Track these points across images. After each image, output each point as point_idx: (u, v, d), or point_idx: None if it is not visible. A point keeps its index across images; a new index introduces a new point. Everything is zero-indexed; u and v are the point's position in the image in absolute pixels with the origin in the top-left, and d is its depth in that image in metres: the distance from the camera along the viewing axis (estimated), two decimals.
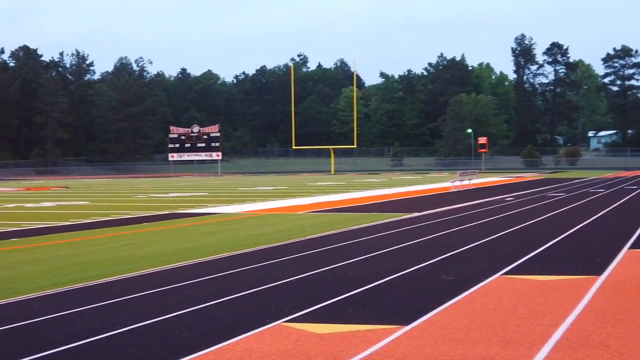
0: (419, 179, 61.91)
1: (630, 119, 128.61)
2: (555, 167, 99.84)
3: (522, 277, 10.25)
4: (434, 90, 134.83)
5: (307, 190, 42.02)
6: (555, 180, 51.98)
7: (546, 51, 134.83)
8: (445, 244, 14.38)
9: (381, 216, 21.90)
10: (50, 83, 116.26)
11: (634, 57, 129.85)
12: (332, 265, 11.79)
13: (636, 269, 10.64)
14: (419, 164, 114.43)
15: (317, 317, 7.96)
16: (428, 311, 8.07)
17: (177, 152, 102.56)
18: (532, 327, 7.25)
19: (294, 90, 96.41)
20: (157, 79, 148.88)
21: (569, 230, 16.42)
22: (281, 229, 18.91)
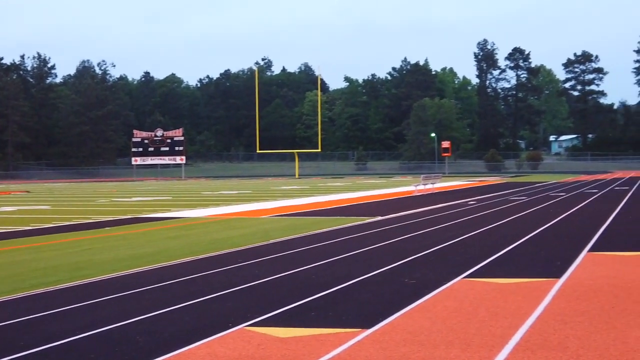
0: (383, 182, 62.15)
1: (590, 124, 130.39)
2: (517, 171, 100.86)
3: (483, 280, 10.34)
4: (398, 94, 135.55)
5: (271, 194, 41.98)
6: (517, 184, 52.50)
7: (508, 56, 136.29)
8: (408, 247, 14.46)
9: (345, 220, 21.95)
10: (10, 86, 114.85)
11: (594, 62, 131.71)
12: (295, 269, 11.80)
13: (595, 272, 10.79)
14: (383, 167, 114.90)
15: (279, 321, 7.96)
16: (390, 314, 8.11)
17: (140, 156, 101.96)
18: (492, 329, 7.33)
19: (258, 94, 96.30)
20: (120, 82, 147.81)
21: (529, 233, 16.60)
22: (245, 233, 18.87)
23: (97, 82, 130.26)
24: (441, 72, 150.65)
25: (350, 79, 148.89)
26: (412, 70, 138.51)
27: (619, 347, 6.50)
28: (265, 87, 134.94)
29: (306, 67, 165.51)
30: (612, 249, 13.32)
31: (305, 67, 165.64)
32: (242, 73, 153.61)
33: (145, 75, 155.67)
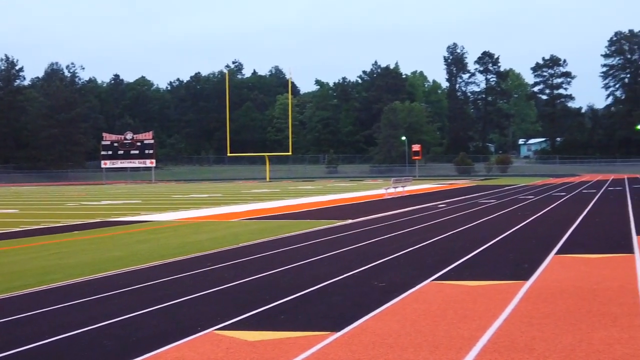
0: (354, 186, 62.27)
1: (558, 127, 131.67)
2: (486, 174, 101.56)
3: (451, 282, 10.41)
4: (369, 97, 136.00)
5: (241, 198, 41.89)
6: (486, 187, 52.87)
7: (477, 60, 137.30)
8: (378, 250, 14.51)
9: (315, 223, 21.97)
10: None
11: (562, 66, 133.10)
12: (264, 273, 11.79)
13: (561, 274, 10.90)
14: (353, 171, 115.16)
15: (248, 325, 7.96)
16: (359, 317, 8.14)
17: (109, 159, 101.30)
18: (460, 331, 7.38)
19: (229, 97, 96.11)
20: (89, 85, 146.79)
21: (498, 236, 16.73)
22: (215, 236, 18.82)
23: (66, 85, 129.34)
24: (411, 75, 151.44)
25: (321, 82, 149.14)
26: (383, 74, 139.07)
27: (584, 348, 6.58)
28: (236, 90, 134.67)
29: (277, 70, 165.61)
30: (579, 252, 13.46)
31: (276, 70, 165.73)
32: (213, 76, 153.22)
33: (115, 78, 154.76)
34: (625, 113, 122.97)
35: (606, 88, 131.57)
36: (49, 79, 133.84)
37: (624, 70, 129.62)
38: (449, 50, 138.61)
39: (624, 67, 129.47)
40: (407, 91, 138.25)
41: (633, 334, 7.08)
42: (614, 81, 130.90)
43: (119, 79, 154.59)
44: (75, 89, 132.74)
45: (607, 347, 6.62)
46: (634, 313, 8.01)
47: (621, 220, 20.30)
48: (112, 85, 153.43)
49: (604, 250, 13.52)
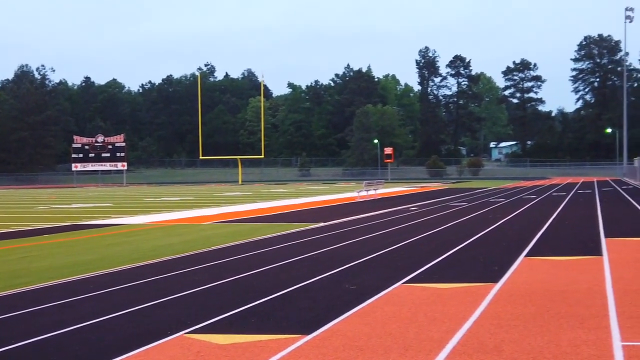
0: (326, 189, 62.33)
1: (529, 131, 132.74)
2: (458, 177, 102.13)
3: (422, 285, 10.47)
4: (341, 100, 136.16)
5: (214, 201, 41.77)
6: (458, 190, 53.15)
7: (449, 64, 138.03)
8: (350, 253, 14.55)
9: (287, 226, 21.98)
10: None
11: (533, 70, 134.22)
12: (236, 276, 11.78)
13: (531, 276, 11.00)
14: (326, 174, 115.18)
15: (219, 328, 7.95)
16: (330, 320, 8.16)
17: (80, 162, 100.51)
18: (430, 333, 7.43)
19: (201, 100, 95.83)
20: (60, 87, 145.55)
21: (468, 239, 16.84)
22: (186, 239, 18.77)
23: (36, 87, 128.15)
24: (384, 79, 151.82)
25: (294, 85, 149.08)
26: (355, 77, 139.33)
27: (552, 350, 6.66)
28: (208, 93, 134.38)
29: (249, 73, 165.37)
30: (548, 254, 13.59)
31: (249, 73, 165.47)
32: (185, 79, 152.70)
33: (86, 80, 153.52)
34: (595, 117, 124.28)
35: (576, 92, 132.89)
36: (18, 81, 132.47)
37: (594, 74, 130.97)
38: (421, 53, 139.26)
39: (594, 71, 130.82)
40: (380, 94, 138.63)
41: (600, 335, 7.17)
42: (584, 85, 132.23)
43: (90, 81, 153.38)
44: (45, 91, 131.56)
45: (575, 348, 6.70)
46: (602, 315, 8.11)
47: (590, 223, 20.52)
48: (83, 88, 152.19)
49: (573, 253, 13.67)
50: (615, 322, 7.72)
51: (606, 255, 13.25)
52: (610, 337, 7.09)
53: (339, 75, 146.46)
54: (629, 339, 6.95)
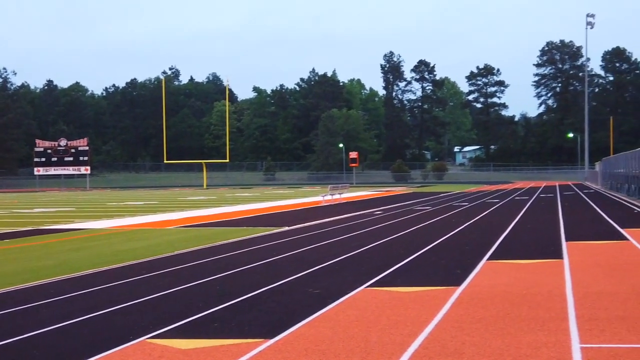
0: (291, 193, 62.32)
1: (492, 135, 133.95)
2: (423, 181, 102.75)
3: (385, 289, 10.51)
4: (306, 105, 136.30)
5: (178, 205, 41.56)
6: (422, 194, 53.44)
7: (414, 68, 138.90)
8: (314, 257, 14.56)
9: (252, 230, 21.94)
10: None
11: (496, 75, 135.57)
12: (199, 280, 11.74)
13: (493, 279, 11.10)
14: (291, 178, 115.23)
15: (182, 333, 7.91)
16: (293, 324, 8.16)
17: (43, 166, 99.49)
18: (392, 337, 7.46)
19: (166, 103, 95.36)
20: (22, 90, 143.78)
21: (432, 242, 16.94)
22: (149, 244, 18.65)
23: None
24: (349, 83, 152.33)
25: (259, 89, 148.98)
26: (320, 81, 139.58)
27: (512, 352, 6.72)
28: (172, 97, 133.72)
29: (214, 77, 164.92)
30: (510, 257, 13.71)
31: (214, 77, 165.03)
32: (149, 82, 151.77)
33: (49, 83, 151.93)
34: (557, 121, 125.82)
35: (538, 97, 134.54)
36: None
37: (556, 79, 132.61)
38: (386, 58, 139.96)
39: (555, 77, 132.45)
40: (345, 99, 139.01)
41: (560, 337, 7.25)
42: (546, 90, 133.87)
43: (52, 85, 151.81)
44: (7, 94, 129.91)
45: (535, 350, 6.77)
46: (561, 317, 8.20)
47: (552, 227, 20.75)
48: (46, 91, 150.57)
49: (535, 256, 13.80)
50: (574, 324, 7.81)
51: (567, 258, 13.40)
52: (569, 339, 7.17)
53: (304, 79, 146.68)
54: (588, 342, 7.04)
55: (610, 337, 7.20)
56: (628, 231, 18.42)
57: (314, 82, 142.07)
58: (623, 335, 7.26)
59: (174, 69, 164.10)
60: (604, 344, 6.94)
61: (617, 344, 6.92)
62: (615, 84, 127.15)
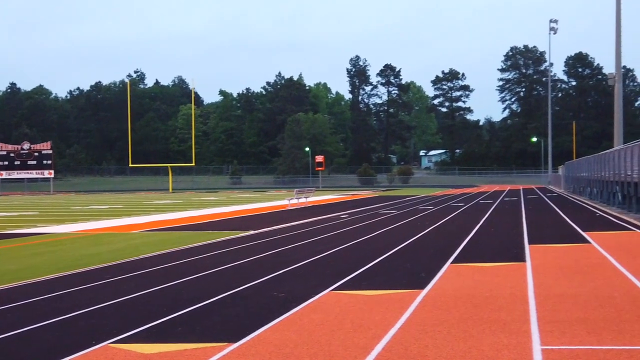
0: (257, 197, 62.22)
1: (458, 139, 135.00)
2: (389, 185, 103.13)
3: (350, 292, 10.55)
4: (272, 108, 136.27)
5: (143, 209, 41.31)
6: (388, 197, 53.65)
7: (380, 73, 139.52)
8: (279, 261, 14.57)
9: (217, 234, 21.89)
10: None
11: (461, 80, 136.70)
12: (164, 285, 11.69)
13: (456, 283, 11.19)
14: (257, 182, 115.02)
15: (145, 337, 7.88)
16: (257, 328, 8.16)
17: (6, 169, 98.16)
18: (356, 340, 7.49)
19: (131, 107, 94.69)
20: None
21: (397, 246, 17.03)
22: (114, 248, 18.53)
23: None
24: (315, 87, 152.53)
25: (225, 93, 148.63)
26: (287, 85, 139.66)
27: (474, 354, 6.79)
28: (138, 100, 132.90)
29: (180, 80, 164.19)
30: (474, 260, 13.83)
31: (179, 80, 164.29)
32: (114, 85, 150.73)
33: (12, 86, 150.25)
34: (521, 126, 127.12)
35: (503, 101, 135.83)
36: None
37: (520, 84, 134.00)
38: (352, 62, 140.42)
39: (520, 81, 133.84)
40: (311, 102, 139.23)
41: (521, 339, 7.34)
42: (510, 95, 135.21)
43: (15, 88, 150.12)
44: None
45: (496, 352, 6.85)
46: (523, 319, 8.30)
47: (515, 230, 20.96)
48: (9, 94, 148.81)
49: (498, 259, 13.94)
50: (535, 326, 7.91)
51: (529, 261, 13.55)
52: (530, 341, 7.27)
53: (271, 83, 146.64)
54: (549, 343, 7.13)
55: (571, 338, 7.31)
56: (590, 234, 18.67)
57: (280, 85, 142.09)
58: (583, 337, 7.36)
59: (140, 72, 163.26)
60: (564, 345, 7.04)
61: (577, 345, 7.03)
62: (578, 89, 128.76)
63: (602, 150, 49.42)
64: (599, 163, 37.53)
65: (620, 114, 43.60)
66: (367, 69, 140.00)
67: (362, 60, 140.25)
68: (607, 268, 12.33)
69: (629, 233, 18.99)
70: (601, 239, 17.18)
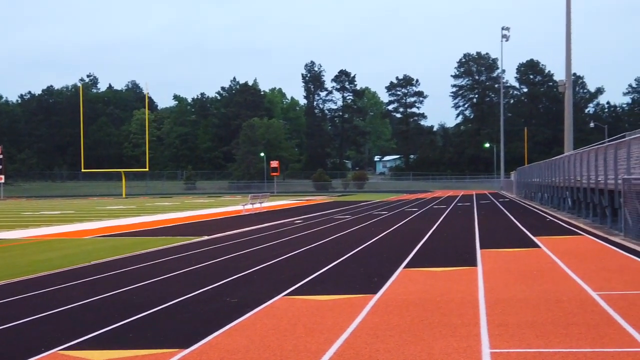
0: (212, 202, 61.95)
1: (412, 145, 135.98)
2: (344, 190, 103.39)
3: (303, 297, 10.57)
4: (227, 114, 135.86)
5: (96, 214, 40.87)
6: (342, 203, 53.81)
7: (335, 78, 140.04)
8: (233, 266, 14.54)
9: (171, 240, 21.77)
10: None
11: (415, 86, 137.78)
12: (116, 291, 11.60)
13: (408, 287, 11.28)
14: (212, 187, 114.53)
15: (95, 344, 7.81)
16: (209, 334, 8.14)
17: None
18: (308, 345, 7.52)
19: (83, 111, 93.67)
20: None
21: (351, 251, 17.10)
22: (66, 254, 18.33)
23: None
24: (270, 92, 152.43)
25: (180, 98, 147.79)
26: (241, 90, 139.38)
27: (424, 358, 6.85)
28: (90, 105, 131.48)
29: (134, 84, 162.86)
30: (426, 265, 13.95)
31: (133, 84, 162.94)
32: (67, 90, 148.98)
33: None
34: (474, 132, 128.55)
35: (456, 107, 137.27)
36: None
37: (472, 90, 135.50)
38: (307, 68, 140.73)
39: (472, 88, 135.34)
40: (266, 108, 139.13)
41: (471, 343, 7.43)
42: (463, 101, 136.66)
43: None
44: None
45: (446, 356, 6.92)
46: (473, 323, 8.40)
47: (467, 235, 21.17)
48: None
49: (450, 264, 14.07)
50: (485, 330, 8.01)
51: (480, 265, 13.71)
52: (480, 344, 7.36)
53: (225, 88, 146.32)
54: (498, 347, 7.23)
55: (519, 342, 7.42)
56: (540, 239, 18.95)
57: (235, 90, 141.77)
58: (531, 340, 7.48)
59: (93, 76, 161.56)
60: (512, 348, 7.15)
61: (525, 348, 7.14)
62: (530, 96, 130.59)
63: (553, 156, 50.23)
64: (549, 169, 38.12)
65: (570, 121, 44.33)
66: (322, 74, 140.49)
67: (317, 66, 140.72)
68: (556, 272, 12.53)
69: (578, 238, 19.32)
70: (551, 244, 17.45)
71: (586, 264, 13.41)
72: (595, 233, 20.24)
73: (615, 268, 12.75)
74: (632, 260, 13.88)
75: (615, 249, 15.97)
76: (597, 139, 71.74)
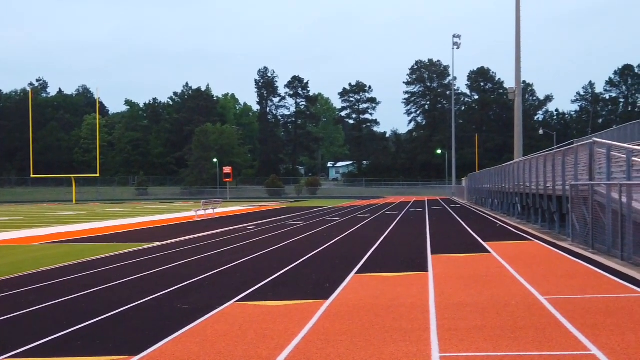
0: (164, 208, 61.49)
1: (365, 151, 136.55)
2: (297, 196, 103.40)
3: (255, 303, 10.55)
4: (180, 119, 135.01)
5: (45, 221, 40.28)
6: (296, 209, 53.82)
7: (288, 84, 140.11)
8: (184, 272, 14.45)
9: (121, 246, 21.55)
10: None
11: (368, 92, 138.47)
12: (65, 298, 11.45)
13: (359, 292, 11.32)
14: (164, 193, 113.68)
15: (42, 352, 7.70)
16: (159, 340, 8.09)
17: None
18: (259, 351, 7.51)
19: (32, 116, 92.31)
20: None
21: (303, 256, 17.11)
22: (13, 261, 18.03)
23: None
24: (223, 98, 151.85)
25: (132, 103, 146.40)
26: (194, 96, 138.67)
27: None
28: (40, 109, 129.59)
29: (84, 89, 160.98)
30: (378, 271, 14.02)
31: (84, 89, 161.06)
32: (15, 94, 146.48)
33: None
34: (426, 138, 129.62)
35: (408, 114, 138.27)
36: None
37: (424, 97, 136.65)
38: (260, 73, 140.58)
39: (424, 95, 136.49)
40: (219, 113, 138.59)
41: (421, 347, 7.49)
42: (416, 108, 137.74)
43: None
44: None
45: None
46: (423, 328, 8.47)
47: (419, 241, 21.32)
48: None
49: (401, 269, 14.16)
50: (435, 334, 8.08)
51: (431, 271, 13.81)
52: (430, 349, 7.42)
53: (178, 93, 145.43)
54: (447, 351, 7.30)
55: (468, 346, 7.50)
56: (490, 244, 19.16)
57: (188, 96, 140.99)
58: (480, 344, 7.57)
59: (42, 80, 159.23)
60: (462, 352, 7.22)
61: (474, 352, 7.22)
62: (481, 103, 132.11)
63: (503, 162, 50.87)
64: (499, 175, 38.60)
65: (520, 127, 44.99)
66: (275, 80, 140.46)
67: (271, 72, 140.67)
68: (505, 277, 12.68)
69: (527, 243, 19.58)
70: (500, 249, 17.67)
71: (534, 269, 13.60)
72: (544, 238, 20.54)
73: (563, 273, 12.95)
74: (579, 265, 14.11)
75: (563, 253, 16.23)
76: (546, 145, 72.93)
